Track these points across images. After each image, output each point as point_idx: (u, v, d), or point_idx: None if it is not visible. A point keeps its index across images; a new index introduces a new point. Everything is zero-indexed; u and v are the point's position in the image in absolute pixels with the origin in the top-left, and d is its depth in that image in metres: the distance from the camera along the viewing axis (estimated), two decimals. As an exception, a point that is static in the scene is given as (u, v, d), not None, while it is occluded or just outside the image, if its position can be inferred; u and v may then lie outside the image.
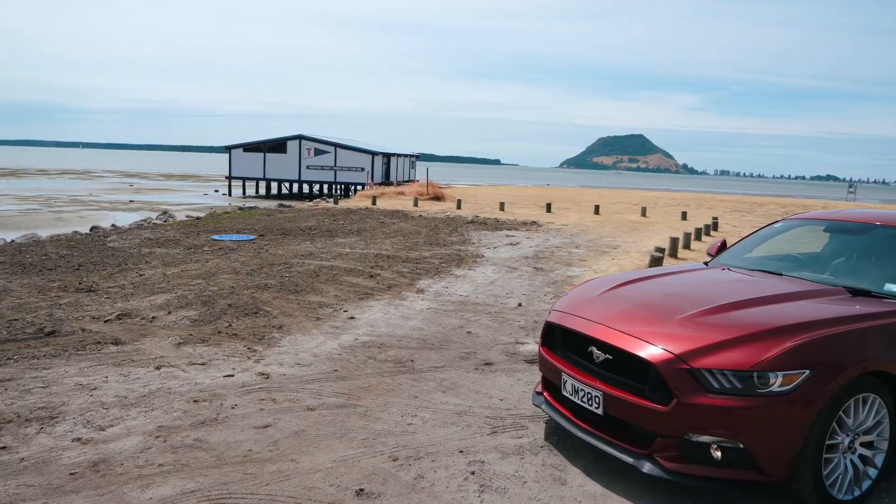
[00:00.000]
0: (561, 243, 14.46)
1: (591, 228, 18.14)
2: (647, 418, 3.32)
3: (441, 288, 8.90)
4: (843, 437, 3.29)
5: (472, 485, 3.56)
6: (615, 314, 3.78)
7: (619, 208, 27.40)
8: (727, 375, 3.15)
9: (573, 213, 23.48)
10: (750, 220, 22.76)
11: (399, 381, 5.15)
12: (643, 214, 23.80)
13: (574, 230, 17.49)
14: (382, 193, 29.85)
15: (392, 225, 17.17)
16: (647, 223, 20.78)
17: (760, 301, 3.72)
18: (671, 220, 22.17)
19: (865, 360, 3.27)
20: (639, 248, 13.71)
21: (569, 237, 15.76)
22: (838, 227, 4.90)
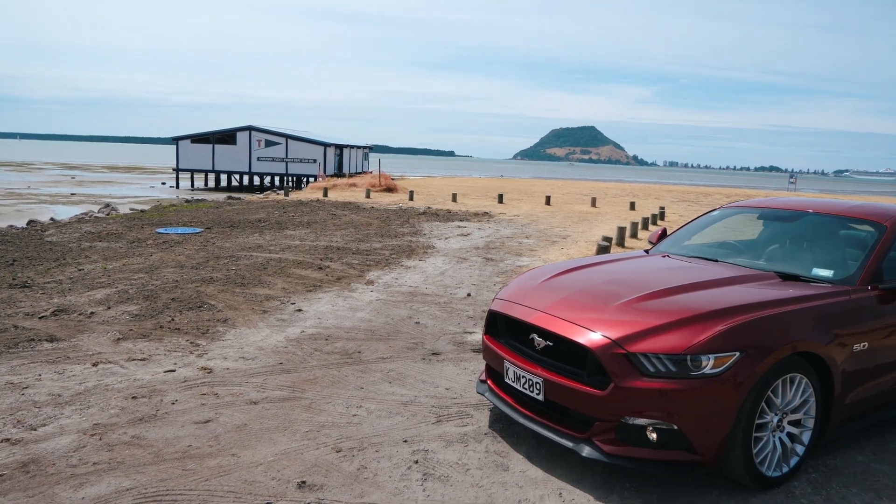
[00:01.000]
0: (512, 234, 14.58)
1: (541, 219, 18.33)
2: (585, 403, 3.38)
3: (391, 279, 8.87)
4: (771, 417, 3.41)
5: (416, 473, 3.57)
6: (555, 302, 3.83)
7: (569, 199, 27.77)
8: (662, 359, 3.23)
9: (525, 204, 23.68)
10: (696, 210, 23.33)
11: (345, 372, 5.12)
12: (593, 205, 24.16)
13: (525, 221, 17.65)
14: (334, 185, 29.56)
15: (343, 217, 17.03)
16: (596, 213, 21.11)
17: (694, 286, 3.82)
18: (620, 211, 22.58)
19: (793, 342, 3.38)
20: (588, 238, 13.93)
21: (519, 227, 15.89)
22: (771, 214, 5.07)
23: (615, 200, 28.00)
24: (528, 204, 23.93)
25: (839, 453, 3.99)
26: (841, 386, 3.65)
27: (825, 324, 3.58)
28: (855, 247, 4.37)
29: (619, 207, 24.04)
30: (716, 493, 3.43)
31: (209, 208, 19.19)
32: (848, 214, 4.67)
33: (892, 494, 3.52)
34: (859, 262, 4.11)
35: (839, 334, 3.61)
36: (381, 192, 27.48)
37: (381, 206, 21.10)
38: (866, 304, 3.86)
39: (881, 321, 3.87)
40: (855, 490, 3.54)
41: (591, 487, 3.45)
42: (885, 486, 3.60)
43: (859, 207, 4.76)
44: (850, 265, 4.16)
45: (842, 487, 3.56)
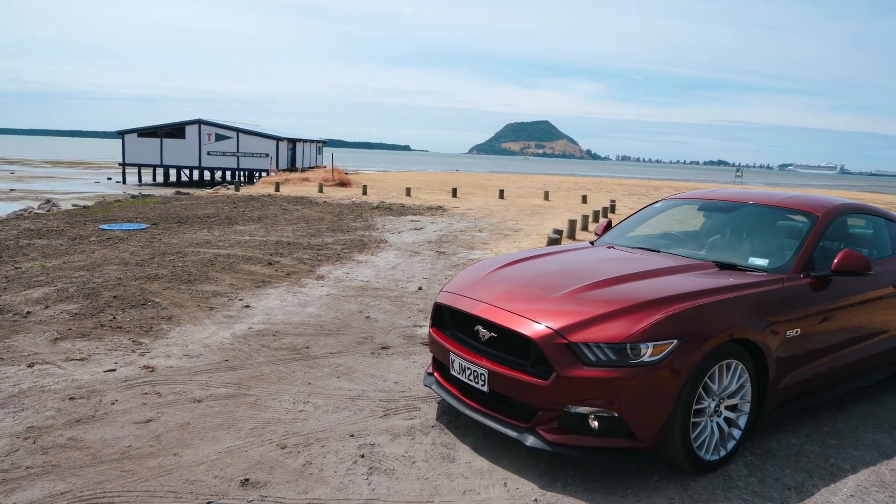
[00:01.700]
0: (465, 227, 14.62)
1: (495, 212, 18.44)
2: (529, 393, 3.41)
3: (342, 274, 8.80)
4: (709, 402, 3.51)
5: (361, 468, 3.55)
6: (500, 293, 3.86)
7: (523, 193, 27.99)
8: (602, 348, 3.28)
9: (478, 198, 23.78)
10: (645, 203, 23.78)
11: (293, 368, 5.06)
12: (546, 198, 24.41)
13: (478, 214, 17.72)
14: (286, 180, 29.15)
15: (295, 211, 16.82)
16: (549, 207, 21.33)
17: (635, 276, 3.90)
18: (572, 204, 22.87)
19: (729, 329, 3.48)
20: (539, 231, 14.06)
21: (473, 221, 15.95)
22: (711, 205, 5.20)
23: (568, 194, 28.35)
24: (482, 198, 24.03)
25: (775, 436, 4.13)
26: (775, 371, 3.78)
27: (760, 311, 3.69)
28: (790, 236, 4.51)
29: (571, 201, 24.34)
30: (656, 478, 3.51)
31: (156, 204, 18.71)
32: (783, 205, 4.82)
33: (822, 474, 3.66)
34: (793, 252, 4.25)
35: (773, 321, 3.73)
36: (335, 186, 27.22)
37: (333, 200, 20.90)
38: (799, 291, 3.99)
39: (813, 308, 4.01)
40: (788, 471, 3.67)
41: (536, 476, 3.50)
42: (816, 467, 3.74)
43: (794, 199, 4.92)
44: (785, 254, 4.29)
45: (776, 469, 3.69)
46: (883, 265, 4.74)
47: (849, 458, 3.89)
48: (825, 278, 4.14)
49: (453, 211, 18.49)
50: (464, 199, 22.88)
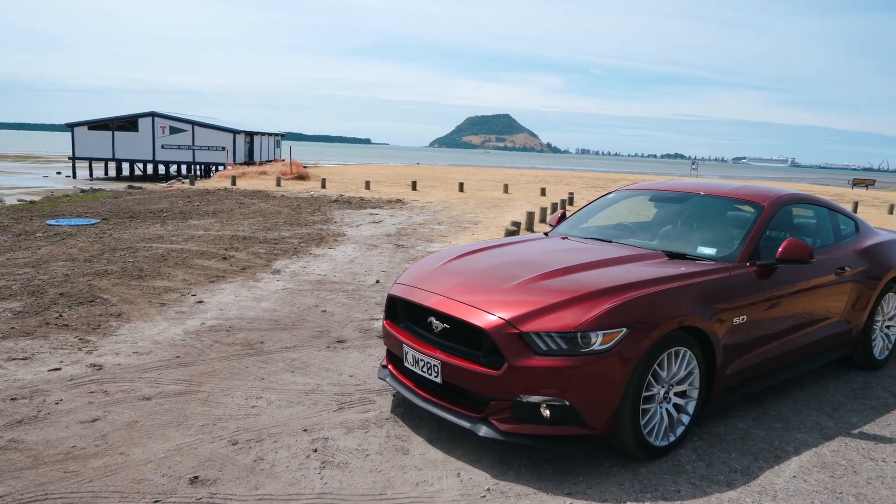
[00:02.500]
0: (424, 220, 14.60)
1: (454, 205, 18.46)
2: (481, 383, 3.42)
3: (298, 268, 8.70)
4: (658, 389, 3.56)
5: (314, 462, 3.52)
6: (453, 285, 3.86)
7: (483, 186, 28.08)
8: (553, 337, 3.31)
9: (438, 191, 23.77)
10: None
11: (246, 363, 4.98)
12: (506, 191, 24.54)
13: (438, 207, 17.72)
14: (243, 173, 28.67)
15: (252, 205, 16.56)
16: (508, 199, 21.44)
17: (586, 266, 3.94)
18: (531, 196, 23.03)
19: (677, 317, 3.54)
20: (498, 224, 14.13)
21: (432, 214, 15.94)
22: (661, 196, 5.28)
23: (527, 187, 28.54)
24: (442, 191, 24.03)
25: (723, 421, 4.22)
26: (723, 357, 3.86)
27: (707, 299, 3.77)
28: (737, 226, 4.61)
29: (530, 193, 24.51)
30: (608, 465, 3.56)
31: (107, 198, 18.21)
32: (731, 196, 4.92)
33: (767, 457, 3.76)
34: (739, 241, 4.35)
35: (720, 309, 3.81)
36: (293, 180, 26.90)
37: (291, 194, 20.65)
38: (745, 279, 4.08)
39: (759, 295, 4.11)
40: (735, 454, 3.76)
41: (489, 466, 3.51)
42: (761, 450, 3.84)
43: (741, 189, 5.03)
44: (732, 243, 4.39)
45: (723, 453, 3.78)
46: (826, 253, 4.88)
47: (792, 440, 4.00)
48: (770, 266, 4.24)
49: (413, 204, 18.45)
50: (423, 193, 22.85)
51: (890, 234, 5.83)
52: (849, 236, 5.30)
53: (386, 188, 24.43)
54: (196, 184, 25.28)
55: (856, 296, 5.01)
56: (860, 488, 3.46)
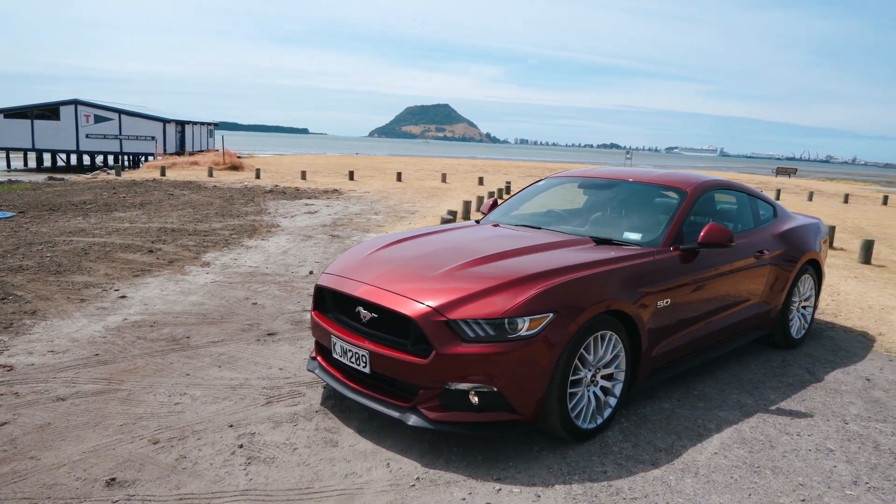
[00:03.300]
0: (360, 210, 14.45)
1: (392, 195, 18.34)
2: (409, 372, 3.39)
3: (229, 260, 8.47)
4: (585, 373, 3.61)
5: (239, 458, 3.42)
6: (380, 274, 3.81)
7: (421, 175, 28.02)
8: (481, 324, 3.30)
9: (376, 181, 23.58)
10: (540, 184, 24.39)
11: (171, 359, 4.81)
12: (444, 180, 24.55)
13: (375, 197, 17.57)
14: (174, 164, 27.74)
15: (181, 197, 16.04)
16: (446, 189, 21.46)
17: (514, 253, 3.95)
18: (469, 186, 23.11)
19: (602, 302, 3.58)
20: (435, 213, 14.11)
21: (369, 204, 15.80)
22: (590, 183, 5.35)
23: (466, 176, 28.63)
24: (380, 181, 23.85)
25: (649, 402, 4.33)
26: (648, 340, 3.94)
27: (632, 283, 3.83)
28: (662, 212, 4.71)
29: (468, 183, 24.59)
30: (537, 449, 3.59)
31: (25, 190, 17.30)
32: (656, 182, 5.03)
33: (690, 435, 3.87)
34: (663, 226, 4.44)
35: (645, 292, 3.89)
36: (226, 170, 26.19)
37: (224, 185, 20.10)
38: (669, 264, 4.18)
39: (682, 279, 4.21)
40: (660, 434, 3.86)
41: (419, 455, 3.49)
42: (685, 429, 3.95)
43: (666, 176, 5.15)
44: (657, 229, 4.48)
45: (649, 433, 3.87)
46: (746, 237, 5.05)
47: (714, 418, 4.13)
48: (693, 251, 4.35)
49: (350, 194, 18.24)
50: (361, 183, 22.63)
51: (805, 219, 6.08)
52: (767, 221, 5.50)
53: (323, 178, 24.08)
54: (123, 174, 24.31)
55: (774, 278, 5.21)
56: (776, 461, 3.60)
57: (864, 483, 3.43)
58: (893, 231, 16.25)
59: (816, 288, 5.93)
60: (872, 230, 16.05)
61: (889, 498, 3.28)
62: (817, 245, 5.83)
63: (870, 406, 4.49)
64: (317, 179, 23.42)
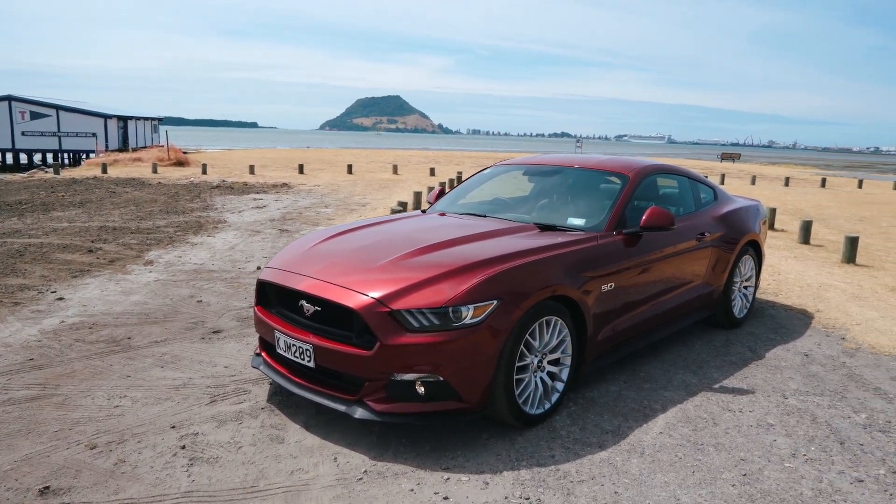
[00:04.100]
0: (310, 204, 14.26)
1: (342, 188, 18.16)
2: (354, 365, 3.34)
3: (174, 258, 8.25)
4: (531, 359, 3.62)
5: (181, 459, 3.32)
6: (323, 266, 3.74)
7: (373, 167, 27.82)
8: (425, 313, 3.28)
9: (326, 174, 23.32)
10: (491, 174, 24.46)
11: (110, 361, 4.65)
12: (395, 172, 24.42)
13: (325, 190, 17.37)
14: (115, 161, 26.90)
15: (124, 194, 15.56)
16: (398, 180, 21.35)
17: (458, 241, 3.93)
18: (421, 177, 23.05)
19: (546, 287, 3.59)
20: (386, 205, 14.02)
21: (319, 197, 15.60)
22: (535, 170, 5.37)
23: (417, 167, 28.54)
24: (330, 174, 23.59)
25: (596, 385, 4.38)
26: (593, 324, 3.98)
27: (576, 268, 3.86)
28: (606, 197, 4.76)
29: (420, 174, 24.52)
30: (486, 437, 3.59)
31: (-44, 191, 16.53)
32: (599, 168, 5.07)
33: (636, 416, 3.93)
34: (606, 211, 4.49)
35: (589, 277, 3.92)
36: (171, 166, 25.53)
37: (169, 181, 19.58)
38: (612, 248, 4.22)
39: (625, 262, 4.26)
40: (607, 416, 3.91)
41: (367, 448, 3.45)
42: (631, 410, 4.01)
43: (609, 161, 5.20)
44: (600, 214, 4.52)
45: (596, 416, 3.91)
46: (688, 220, 5.14)
47: (660, 398, 4.21)
48: (636, 234, 4.41)
49: (299, 188, 17.98)
50: (311, 176, 22.34)
51: (745, 201, 6.23)
52: (708, 204, 5.61)
53: (272, 172, 23.68)
54: (62, 172, 23.44)
55: (715, 259, 5.32)
56: (719, 438, 3.68)
57: (802, 455, 3.53)
58: (831, 212, 16.86)
59: (757, 268, 6.08)
60: (811, 212, 16.62)
61: (825, 468, 3.39)
62: (757, 226, 5.98)
63: (808, 381, 4.63)
64: (266, 174, 23.03)
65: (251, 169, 23.41)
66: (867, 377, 4.75)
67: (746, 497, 3.09)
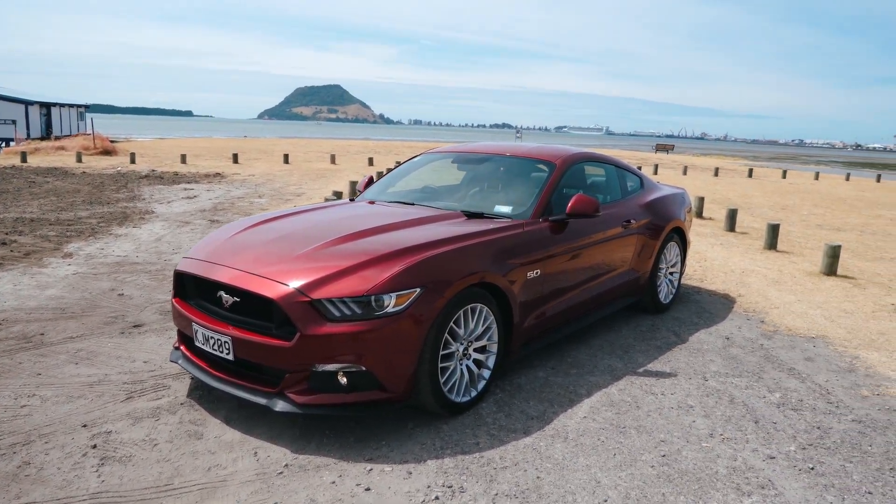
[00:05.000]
0: (244, 194, 13.92)
1: (278, 177, 17.80)
2: (275, 356, 3.25)
3: (95, 250, 7.90)
4: (457, 346, 3.60)
5: (92, 460, 3.17)
6: (243, 256, 3.63)
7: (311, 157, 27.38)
8: (346, 303, 3.21)
9: (262, 164, 22.82)
10: (431, 164, 24.42)
11: (20, 359, 4.41)
12: (333, 162, 24.11)
13: (260, 180, 16.98)
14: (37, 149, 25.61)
15: (44, 184, 14.83)
16: (335, 170, 21.08)
17: (382, 229, 3.87)
18: (359, 167, 22.82)
19: (471, 275, 3.58)
20: (322, 195, 13.81)
21: (253, 187, 15.24)
22: (463, 158, 5.35)
23: (356, 157, 28.25)
24: (266, 163, 23.10)
25: (524, 372, 4.41)
26: (519, 311, 3.99)
27: (501, 256, 3.86)
28: (533, 185, 4.78)
29: (358, 164, 24.28)
30: (411, 426, 3.56)
31: None
32: (527, 156, 5.09)
33: (562, 402, 3.97)
34: (533, 198, 4.51)
35: (514, 264, 3.92)
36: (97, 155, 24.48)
37: (95, 170, 18.77)
38: (538, 235, 4.24)
39: (551, 249, 4.29)
40: (533, 403, 3.93)
41: (290, 441, 3.37)
42: (557, 396, 4.06)
43: (537, 150, 5.22)
44: (527, 201, 4.54)
45: (522, 402, 3.93)
46: (614, 208, 5.22)
47: (585, 383, 4.26)
48: (562, 221, 4.45)
49: (233, 178, 17.53)
50: (246, 166, 21.82)
51: (671, 189, 6.38)
52: (635, 192, 5.72)
53: (205, 162, 23.01)
54: (-22, 162, 22.18)
55: (641, 246, 5.43)
56: (641, 421, 3.76)
57: (720, 435, 3.64)
58: (756, 201, 17.53)
59: (682, 255, 6.25)
60: (738, 200, 17.23)
61: (740, 447, 3.50)
62: (682, 214, 6.13)
63: (728, 363, 4.78)
64: (198, 163, 22.35)
65: (183, 158, 22.69)
66: (783, 358, 4.94)
67: (664, 477, 3.16)
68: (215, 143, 39.30)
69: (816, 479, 3.21)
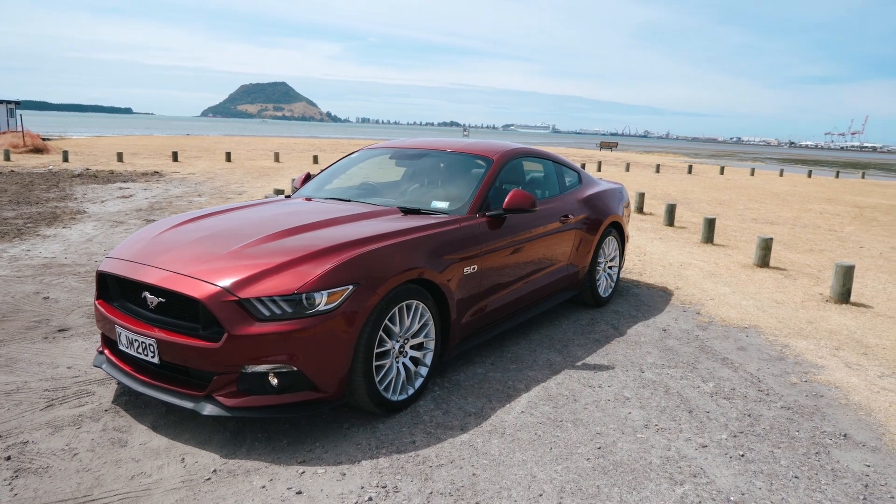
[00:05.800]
0: (183, 192, 13.52)
1: (219, 176, 17.38)
2: (201, 358, 3.14)
3: (20, 252, 7.53)
4: (392, 344, 3.55)
5: (5, 472, 3.00)
6: (169, 255, 3.49)
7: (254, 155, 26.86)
8: (276, 301, 3.12)
9: (203, 162, 22.25)
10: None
11: (-69, 368, 4.15)
12: (277, 160, 23.70)
13: (200, 178, 16.55)
14: (-39, 148, 24.37)
15: (-32, 184, 14.10)
16: (279, 168, 20.72)
17: (315, 226, 3.79)
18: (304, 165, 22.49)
19: (406, 271, 3.52)
20: (264, 193, 13.54)
21: (193, 186, 14.83)
22: (401, 154, 5.30)
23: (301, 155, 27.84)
24: (207, 161, 22.53)
25: (463, 368, 4.38)
26: (456, 307, 3.96)
27: (437, 252, 3.82)
28: (471, 180, 4.75)
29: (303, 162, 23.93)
30: (346, 426, 3.49)
31: None
32: (465, 152, 5.07)
33: (500, 397, 3.96)
34: (470, 193, 4.48)
35: (450, 260, 3.89)
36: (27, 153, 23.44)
37: (24, 169, 17.96)
38: (475, 231, 4.22)
39: (489, 245, 4.27)
40: (471, 399, 3.91)
41: (219, 446, 3.26)
42: (496, 391, 4.04)
43: (475, 145, 5.21)
44: (464, 197, 4.51)
45: (460, 398, 3.91)
46: (552, 203, 5.25)
47: (524, 378, 4.27)
48: (499, 217, 4.44)
49: (172, 176, 17.03)
50: (186, 164, 21.23)
51: (609, 184, 6.46)
52: (573, 187, 5.77)
53: (143, 161, 22.30)
54: None
55: (580, 241, 5.48)
56: (578, 414, 3.78)
57: (654, 426, 3.69)
58: (695, 196, 18.00)
59: (620, 249, 6.33)
60: (678, 196, 17.66)
61: (673, 437, 3.56)
62: (620, 209, 6.22)
63: (664, 354, 4.87)
64: (136, 162, 21.65)
65: (120, 157, 21.92)
66: (717, 348, 5.05)
67: (599, 470, 3.18)
68: (155, 141, 38.16)
69: (746, 465, 3.28)
